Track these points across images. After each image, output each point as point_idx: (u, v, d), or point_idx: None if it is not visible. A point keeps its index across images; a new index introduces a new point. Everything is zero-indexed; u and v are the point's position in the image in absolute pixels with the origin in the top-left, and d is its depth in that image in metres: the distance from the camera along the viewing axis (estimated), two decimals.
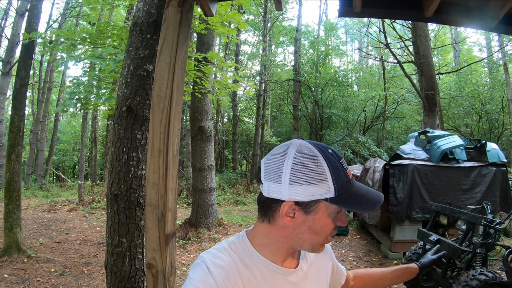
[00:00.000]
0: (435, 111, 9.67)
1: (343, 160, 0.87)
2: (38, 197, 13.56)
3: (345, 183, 0.83)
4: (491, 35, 22.31)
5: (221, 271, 0.84)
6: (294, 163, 0.82)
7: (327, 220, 0.85)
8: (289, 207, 0.83)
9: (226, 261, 0.86)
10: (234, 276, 0.85)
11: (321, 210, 0.84)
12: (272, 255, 0.91)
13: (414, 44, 10.41)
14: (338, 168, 0.83)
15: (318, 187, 0.80)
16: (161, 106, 1.79)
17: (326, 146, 0.87)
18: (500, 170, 5.99)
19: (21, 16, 7.97)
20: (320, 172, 0.81)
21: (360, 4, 2.11)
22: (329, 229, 0.86)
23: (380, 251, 6.39)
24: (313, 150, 0.84)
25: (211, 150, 7.92)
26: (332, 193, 0.81)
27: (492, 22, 2.12)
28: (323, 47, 22.25)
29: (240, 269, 0.87)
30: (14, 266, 5.08)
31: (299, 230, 0.85)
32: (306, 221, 0.84)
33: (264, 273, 0.89)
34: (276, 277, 0.90)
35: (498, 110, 17.32)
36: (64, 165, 29.24)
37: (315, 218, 0.84)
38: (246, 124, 27.18)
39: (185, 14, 1.88)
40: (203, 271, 0.83)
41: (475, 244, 3.67)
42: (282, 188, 0.82)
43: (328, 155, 0.84)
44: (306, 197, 0.81)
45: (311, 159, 0.82)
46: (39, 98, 18.57)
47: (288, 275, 0.92)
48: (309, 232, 0.85)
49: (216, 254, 0.88)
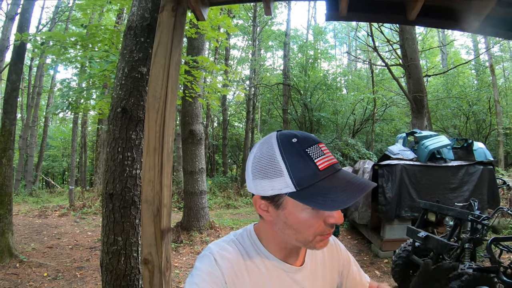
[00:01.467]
0: (423, 113, 9.82)
1: (313, 147, 0.80)
2: (28, 203, 13.43)
3: (305, 176, 0.77)
4: (478, 37, 22.75)
5: (227, 263, 0.84)
6: (254, 158, 0.84)
7: (302, 217, 0.79)
8: (259, 202, 0.84)
9: (233, 254, 0.87)
10: (240, 268, 0.85)
11: (289, 205, 0.80)
12: (275, 251, 0.90)
13: (402, 47, 10.56)
14: (298, 160, 0.77)
15: (274, 181, 0.78)
16: (156, 106, 1.85)
17: (292, 134, 0.82)
18: (487, 169, 6.10)
19: (10, 20, 7.92)
20: (274, 166, 0.79)
21: (346, 8, 2.19)
22: (311, 225, 0.80)
23: (371, 251, 6.48)
24: (272, 143, 0.82)
25: (202, 153, 7.96)
26: (292, 187, 0.77)
27: (474, 24, 2.21)
28: (312, 51, 22.48)
29: (247, 262, 0.87)
30: (7, 271, 5.06)
31: (279, 226, 0.84)
32: (280, 216, 0.82)
33: (269, 268, 0.89)
34: (281, 273, 0.90)
35: (485, 111, 17.63)
36: (53, 171, 28.88)
37: (285, 213, 0.81)
38: (236, 129, 27.18)
39: (178, 18, 1.95)
40: (210, 263, 0.84)
41: (463, 239, 3.78)
42: (251, 183, 0.85)
43: (287, 146, 0.79)
44: (267, 191, 0.80)
45: (266, 153, 0.81)
46: (29, 103, 18.37)
47: (293, 273, 0.91)
48: (288, 228, 0.82)
49: (224, 246, 0.88)
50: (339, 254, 1.09)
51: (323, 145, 0.83)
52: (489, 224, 3.76)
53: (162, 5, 1.94)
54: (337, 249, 1.09)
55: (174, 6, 1.92)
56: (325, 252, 1.05)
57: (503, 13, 2.22)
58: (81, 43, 5.13)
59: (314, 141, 0.81)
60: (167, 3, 1.93)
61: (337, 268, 1.07)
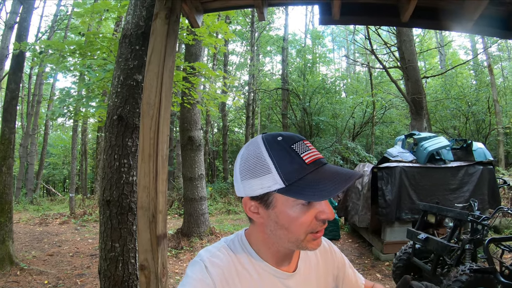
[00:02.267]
0: (422, 115, 9.83)
1: (299, 143, 0.81)
2: (29, 211, 13.42)
3: (293, 171, 0.77)
4: (476, 37, 22.82)
5: (218, 270, 0.83)
6: (241, 160, 0.85)
7: (293, 213, 0.79)
8: (249, 203, 0.84)
9: (224, 261, 0.85)
10: (231, 275, 0.84)
11: (279, 203, 0.80)
12: (267, 256, 0.89)
13: (399, 49, 10.60)
14: (284, 156, 0.78)
15: (263, 179, 0.79)
16: (151, 113, 1.87)
17: (277, 134, 0.84)
18: (487, 169, 6.06)
19: (10, 29, 7.97)
20: (261, 164, 0.79)
21: (338, 12, 2.21)
22: (303, 222, 0.80)
23: (372, 254, 6.46)
24: (258, 143, 0.83)
25: (201, 160, 7.96)
26: (280, 183, 0.77)
27: (467, 24, 2.22)
28: (310, 55, 22.56)
29: (238, 268, 0.86)
30: (7, 278, 5.05)
31: (270, 227, 0.83)
32: (270, 216, 0.82)
33: (261, 274, 0.87)
34: (273, 279, 0.88)
35: (484, 111, 17.63)
36: (54, 178, 28.91)
37: (276, 212, 0.81)
38: (236, 134, 27.24)
39: (172, 25, 1.97)
40: (201, 270, 0.82)
41: (464, 240, 3.75)
42: (240, 186, 0.85)
43: (273, 144, 0.81)
44: (256, 191, 0.81)
45: (253, 152, 0.82)
46: (28, 112, 18.44)
47: (285, 278, 0.90)
48: (279, 228, 0.82)
49: (215, 253, 0.87)
50: (334, 257, 1.08)
51: (308, 142, 0.84)
52: (489, 224, 3.74)
53: (155, 13, 1.96)
54: (331, 252, 1.08)
55: (167, 13, 1.94)
56: (319, 256, 1.04)
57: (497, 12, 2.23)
58: (79, 51, 5.16)
59: (299, 138, 0.83)
60: (160, 11, 1.95)
61: (331, 271, 1.05)
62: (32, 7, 6.66)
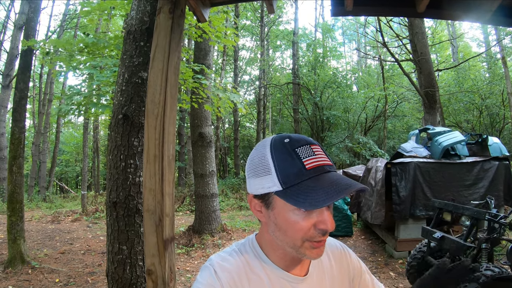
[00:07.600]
0: (435, 108, 9.64)
1: (304, 147, 0.79)
2: (42, 208, 13.58)
3: (292, 175, 0.76)
4: (489, 29, 22.28)
5: (228, 275, 0.83)
6: (249, 158, 0.87)
7: (290, 218, 0.77)
8: (253, 201, 0.85)
9: (234, 265, 0.85)
10: (241, 279, 0.84)
11: (278, 205, 0.79)
12: (276, 259, 0.88)
13: (412, 41, 10.41)
14: (286, 159, 0.77)
15: (264, 179, 0.79)
16: (155, 112, 1.80)
17: (286, 136, 0.82)
18: (503, 164, 5.94)
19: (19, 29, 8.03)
20: (263, 164, 0.80)
21: (351, 2, 2.11)
22: (300, 229, 0.77)
23: (385, 251, 6.35)
24: (266, 143, 0.83)
25: (212, 156, 7.92)
26: (278, 185, 0.76)
27: (486, 14, 2.11)
28: (321, 49, 22.29)
29: (248, 273, 0.85)
30: (19, 277, 5.08)
31: (271, 228, 0.83)
32: (271, 216, 0.81)
33: (271, 277, 0.86)
34: (284, 284, 0.86)
35: (498, 104, 17.25)
36: (67, 176, 29.32)
37: (275, 213, 0.80)
38: (247, 129, 27.20)
39: (176, 20, 1.89)
40: (210, 275, 0.82)
41: (480, 239, 3.63)
42: (247, 183, 0.86)
43: (278, 145, 0.80)
44: (257, 190, 0.82)
45: (259, 152, 0.83)
46: (40, 110, 18.66)
47: (296, 283, 0.88)
48: (278, 230, 0.80)
49: (225, 257, 0.87)
50: (349, 262, 1.03)
51: (317, 147, 0.81)
52: (507, 224, 3.60)
53: (159, 7, 1.88)
54: (346, 257, 1.03)
55: (171, 8, 1.86)
56: (332, 260, 1.00)
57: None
58: (87, 49, 5.14)
59: (307, 142, 0.81)
60: (164, 5, 1.87)
61: (347, 276, 1.01)
62: (39, 7, 6.65)
